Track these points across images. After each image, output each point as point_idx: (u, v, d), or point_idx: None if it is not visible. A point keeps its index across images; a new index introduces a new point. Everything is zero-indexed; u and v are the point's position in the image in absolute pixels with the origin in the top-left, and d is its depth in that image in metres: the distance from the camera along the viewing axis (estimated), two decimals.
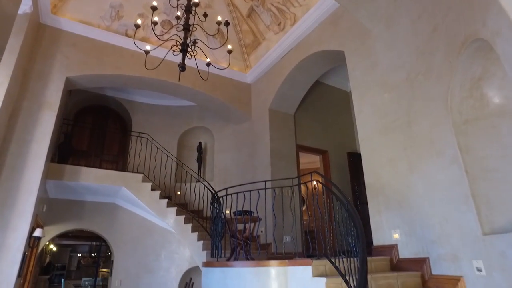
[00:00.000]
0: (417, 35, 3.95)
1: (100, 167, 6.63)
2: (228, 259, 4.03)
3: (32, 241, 4.89)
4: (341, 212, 3.15)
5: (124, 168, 6.89)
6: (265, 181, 4.01)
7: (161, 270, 6.77)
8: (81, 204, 6.77)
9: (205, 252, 5.21)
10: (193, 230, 5.71)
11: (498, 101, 3.01)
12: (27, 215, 4.59)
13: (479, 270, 2.88)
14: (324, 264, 3.17)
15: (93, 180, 5.87)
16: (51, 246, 12.18)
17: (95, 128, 7.77)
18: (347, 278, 2.82)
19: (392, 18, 4.36)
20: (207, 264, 4.29)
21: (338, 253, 3.11)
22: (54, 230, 6.55)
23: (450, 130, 3.29)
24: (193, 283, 5.22)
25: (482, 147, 3.05)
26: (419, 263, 3.56)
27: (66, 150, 6.64)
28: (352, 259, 2.85)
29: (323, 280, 2.88)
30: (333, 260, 3.07)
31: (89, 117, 7.88)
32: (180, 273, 6.75)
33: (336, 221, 3.25)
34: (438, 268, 3.37)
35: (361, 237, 2.45)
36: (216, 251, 4.21)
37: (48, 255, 12.63)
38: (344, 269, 2.89)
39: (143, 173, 6.30)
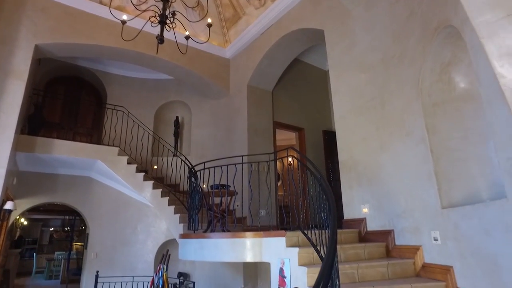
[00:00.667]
0: (394, 18, 4.05)
1: (73, 140, 6.46)
2: (205, 231, 4.16)
3: (2, 214, 4.80)
4: (314, 186, 3.31)
5: (99, 141, 6.76)
6: (242, 156, 4.10)
7: (137, 243, 6.85)
8: (54, 177, 6.63)
9: (181, 225, 5.32)
10: (170, 204, 5.79)
11: (464, 86, 3.20)
12: None
13: (435, 239, 3.16)
14: (297, 235, 3.35)
15: (66, 153, 5.75)
16: (22, 220, 11.91)
17: (68, 100, 7.50)
18: (318, 248, 3.02)
19: (372, 0, 4.43)
20: (184, 236, 4.41)
21: (310, 226, 3.30)
22: (25, 203, 6.41)
23: (420, 111, 3.48)
24: (169, 254, 5.34)
25: (447, 129, 3.26)
26: (384, 235, 3.84)
27: (36, 122, 6.41)
28: (323, 231, 3.04)
29: (296, 250, 3.07)
30: (305, 232, 3.26)
31: (61, 88, 7.57)
32: (156, 245, 6.86)
33: (310, 195, 3.41)
34: (401, 239, 3.65)
35: (332, 209, 2.62)
36: (193, 224, 4.32)
37: (19, 229, 12.37)
38: (316, 240, 3.08)
39: (119, 147, 6.23)
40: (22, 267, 14.32)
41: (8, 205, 4.75)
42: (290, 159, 9.25)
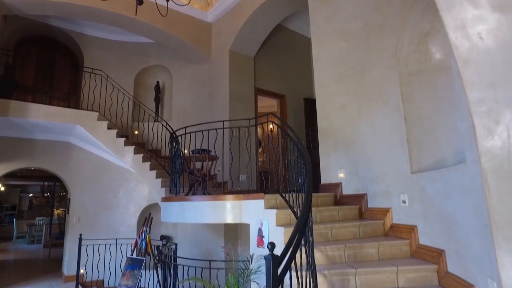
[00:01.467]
0: None
1: (50, 105, 6.27)
2: (187, 194, 4.27)
3: None
4: (293, 152, 3.44)
5: (77, 106, 6.60)
6: (223, 121, 4.16)
7: (119, 207, 6.93)
8: (31, 142, 6.49)
9: (163, 189, 5.42)
10: (151, 169, 5.85)
11: (439, 57, 3.30)
12: None
13: (404, 202, 3.40)
14: (275, 198, 3.52)
15: (43, 118, 5.61)
16: None
17: (41, 62, 7.19)
18: (295, 209, 3.20)
19: None
20: (166, 199, 4.52)
21: (288, 190, 3.45)
22: (3, 168, 6.31)
23: (396, 81, 3.59)
24: (152, 218, 5.48)
25: (420, 98, 3.40)
26: (358, 199, 4.07)
27: (8, 84, 6.15)
28: (300, 194, 3.20)
29: (274, 211, 3.23)
30: (283, 195, 3.43)
31: (33, 49, 7.22)
32: (139, 209, 6.97)
33: (288, 160, 3.54)
34: (373, 202, 3.89)
35: (308, 172, 2.76)
36: (175, 187, 4.42)
37: None
38: (293, 202, 3.25)
39: (99, 112, 6.13)
40: (2, 232, 14.30)
41: None
42: (271, 125, 9.38)
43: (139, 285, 4.92)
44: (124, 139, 6.08)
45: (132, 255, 5.48)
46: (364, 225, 3.61)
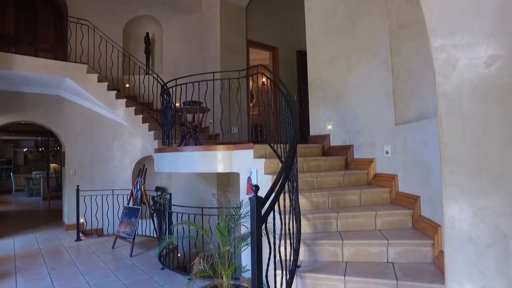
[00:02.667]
0: None
1: (36, 56, 6.13)
2: (179, 145, 4.39)
3: None
4: (282, 103, 3.51)
5: (65, 58, 6.44)
6: (213, 73, 4.16)
7: (114, 160, 7.08)
8: (20, 95, 6.44)
9: (156, 141, 5.54)
10: (144, 121, 5.91)
11: None
12: None
13: (387, 152, 3.56)
14: (264, 148, 3.65)
15: (30, 70, 5.52)
16: None
17: (21, 10, 6.85)
18: (283, 159, 3.34)
19: None
20: (159, 150, 4.65)
21: (277, 140, 3.57)
22: None
23: (386, 33, 3.57)
24: (146, 169, 5.65)
25: (408, 51, 3.41)
26: (345, 150, 4.23)
27: None
28: (288, 144, 3.33)
29: (263, 160, 3.39)
30: (272, 145, 3.56)
31: None
32: (133, 162, 7.13)
33: (278, 111, 3.62)
34: (359, 153, 4.06)
35: (295, 119, 2.86)
36: (167, 139, 4.53)
37: None
38: (281, 152, 3.39)
39: (88, 64, 6.03)
40: (0, 186, 14.60)
41: None
42: (264, 79, 9.32)
43: (136, 233, 5.22)
44: (115, 92, 6.06)
45: (128, 204, 5.73)
46: (348, 174, 3.80)
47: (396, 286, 2.24)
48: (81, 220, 6.26)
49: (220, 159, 3.79)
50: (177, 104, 4.56)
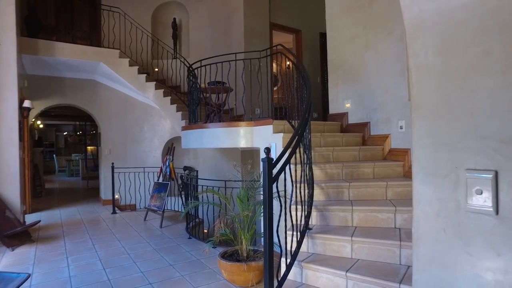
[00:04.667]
0: None
1: (73, 43, 6.61)
2: (205, 122, 4.69)
3: (23, 112, 5.31)
4: (300, 80, 3.68)
5: (99, 44, 6.89)
6: (235, 53, 4.38)
7: (145, 141, 7.55)
8: (60, 80, 6.99)
9: (183, 121, 5.88)
10: (172, 103, 6.26)
11: None
12: (13, 88, 4.88)
13: (401, 128, 3.67)
14: (283, 124, 3.86)
15: (69, 56, 5.99)
16: (38, 122, 12.68)
17: (60, 1, 7.35)
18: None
19: None
20: (185, 128, 4.98)
21: (296, 117, 3.76)
22: (38, 105, 6.91)
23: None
24: (174, 147, 6.03)
25: None
26: (362, 127, 4.35)
27: (33, 24, 6.47)
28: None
29: (281, 135, 3.60)
30: (290, 121, 3.76)
31: None
32: (162, 142, 7.57)
33: (297, 89, 3.79)
34: (375, 130, 4.18)
35: (308, 90, 3.04)
36: (193, 117, 4.84)
37: (36, 132, 13.27)
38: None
39: (119, 49, 6.43)
40: (46, 166, 15.79)
41: (26, 103, 5.22)
42: (288, 62, 9.40)
43: (165, 207, 5.64)
44: (145, 75, 6.44)
45: (158, 180, 6.16)
46: (364, 150, 3.94)
47: (400, 246, 2.42)
48: (116, 196, 6.78)
49: (242, 135, 4.04)
50: (202, 85, 4.84)
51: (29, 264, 3.80)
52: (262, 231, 3.66)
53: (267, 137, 3.79)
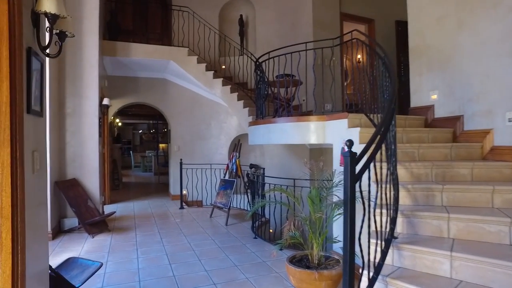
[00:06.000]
0: None
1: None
2: (273, 117, 4.45)
3: (103, 109, 5.66)
4: (380, 67, 3.25)
5: (169, 43, 7.12)
6: (306, 43, 4.08)
7: (212, 138, 7.64)
8: (135, 80, 7.41)
9: (250, 117, 5.75)
10: (239, 99, 6.19)
11: None
12: (94, 86, 5.21)
13: (510, 120, 3.02)
14: (359, 118, 3.46)
15: (142, 55, 6.28)
16: (117, 121, 13.79)
17: (137, 6, 7.79)
18: None
19: None
20: (253, 123, 4.80)
21: (373, 110, 3.34)
22: (116, 104, 7.41)
23: None
24: (241, 144, 5.93)
25: None
26: (452, 121, 3.74)
27: (114, 29, 6.93)
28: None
29: (357, 129, 3.21)
30: (367, 114, 3.35)
31: None
32: (229, 140, 7.58)
33: (374, 77, 3.38)
34: (471, 124, 3.54)
35: (393, 81, 2.63)
36: (261, 112, 4.65)
37: (116, 129, 14.47)
38: (377, 122, 3.17)
39: (188, 47, 6.55)
40: (124, 162, 17.18)
41: (105, 101, 5.57)
42: (359, 55, 8.80)
43: (231, 205, 5.56)
44: (212, 72, 6.47)
45: (224, 177, 6.13)
46: (457, 147, 3.36)
47: None
48: (184, 191, 6.94)
49: (312, 130, 3.73)
50: (270, 79, 4.63)
51: (105, 252, 3.96)
52: (336, 236, 3.33)
53: (341, 133, 3.43)
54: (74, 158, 5.06)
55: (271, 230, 5.15)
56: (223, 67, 7.64)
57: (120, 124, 15.80)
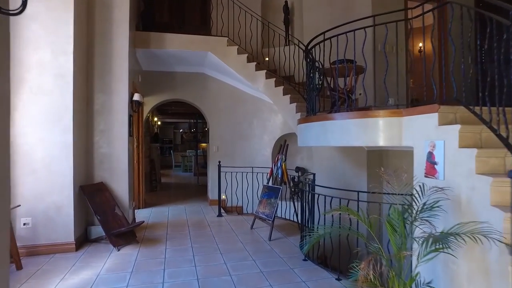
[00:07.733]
0: None
1: None
2: (330, 112, 3.57)
3: (134, 105, 5.14)
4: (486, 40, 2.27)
5: (207, 33, 6.49)
6: (374, 16, 3.17)
7: (254, 137, 6.91)
8: (171, 75, 6.89)
9: (298, 114, 4.91)
10: (284, 93, 5.40)
11: None
12: (124, 80, 4.69)
13: None
14: (454, 111, 2.49)
15: (178, 46, 5.72)
16: (155, 119, 13.57)
17: None
18: (494, 126, 2.15)
19: None
20: (303, 121, 3.95)
21: (478, 101, 2.35)
22: (152, 100, 6.95)
23: None
24: (287, 144, 5.12)
25: None
26: None
27: (149, 20, 6.42)
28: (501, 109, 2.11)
29: (456, 127, 2.26)
30: (470, 107, 2.38)
31: None
32: (273, 139, 6.82)
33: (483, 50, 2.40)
34: None
35: None
36: (313, 108, 3.78)
37: (155, 128, 14.28)
38: (487, 116, 2.20)
39: (228, 37, 5.87)
40: (164, 161, 17.11)
41: (136, 97, 5.03)
42: (420, 44, 7.56)
43: (275, 214, 4.77)
44: (254, 64, 5.74)
45: (268, 183, 5.35)
46: None
47: None
48: (223, 196, 6.28)
49: (383, 129, 2.81)
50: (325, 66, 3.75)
51: (127, 271, 3.38)
52: (428, 281, 2.36)
53: (427, 132, 2.49)
54: (102, 159, 4.56)
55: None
56: (267, 59, 6.86)
57: (159, 123, 15.68)
